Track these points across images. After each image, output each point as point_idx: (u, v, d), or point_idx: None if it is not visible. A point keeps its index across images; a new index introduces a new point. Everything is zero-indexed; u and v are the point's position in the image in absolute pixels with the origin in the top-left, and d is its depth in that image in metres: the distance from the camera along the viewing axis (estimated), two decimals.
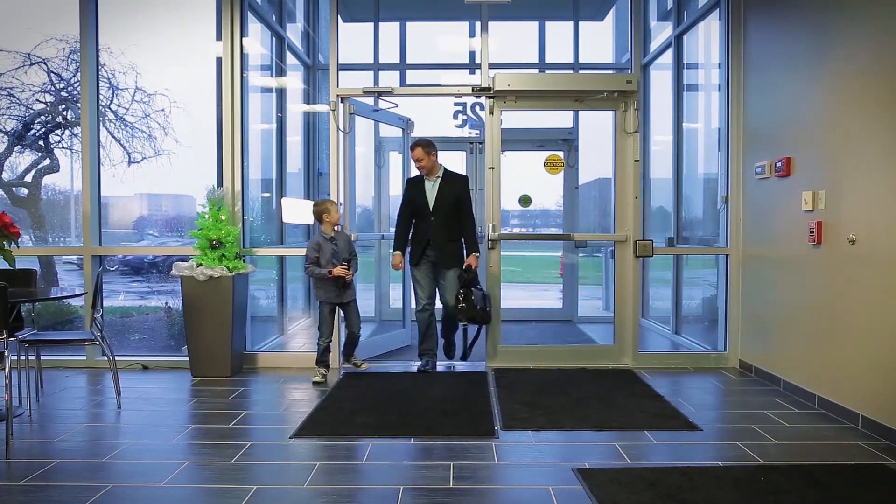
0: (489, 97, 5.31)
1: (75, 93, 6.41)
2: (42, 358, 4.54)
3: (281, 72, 6.56)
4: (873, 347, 3.57)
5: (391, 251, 5.18)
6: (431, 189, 5.02)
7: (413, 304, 5.25)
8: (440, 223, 4.98)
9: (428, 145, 4.99)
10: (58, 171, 6.65)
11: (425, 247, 5.01)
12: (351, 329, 5.02)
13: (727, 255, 5.27)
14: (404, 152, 6.24)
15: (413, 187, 5.10)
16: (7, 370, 3.51)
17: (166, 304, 6.38)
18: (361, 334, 5.60)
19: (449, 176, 5.06)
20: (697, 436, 3.59)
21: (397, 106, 5.74)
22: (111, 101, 6.53)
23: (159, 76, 6.35)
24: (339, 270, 4.78)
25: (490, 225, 5.27)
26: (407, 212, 5.12)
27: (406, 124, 6.23)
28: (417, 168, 5.03)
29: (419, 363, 5.15)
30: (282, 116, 6.64)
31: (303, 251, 7.38)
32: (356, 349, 5.16)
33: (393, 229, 5.30)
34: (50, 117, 6.68)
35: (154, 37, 6.11)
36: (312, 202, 5.16)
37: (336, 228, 4.91)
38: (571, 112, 7.17)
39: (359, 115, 5.61)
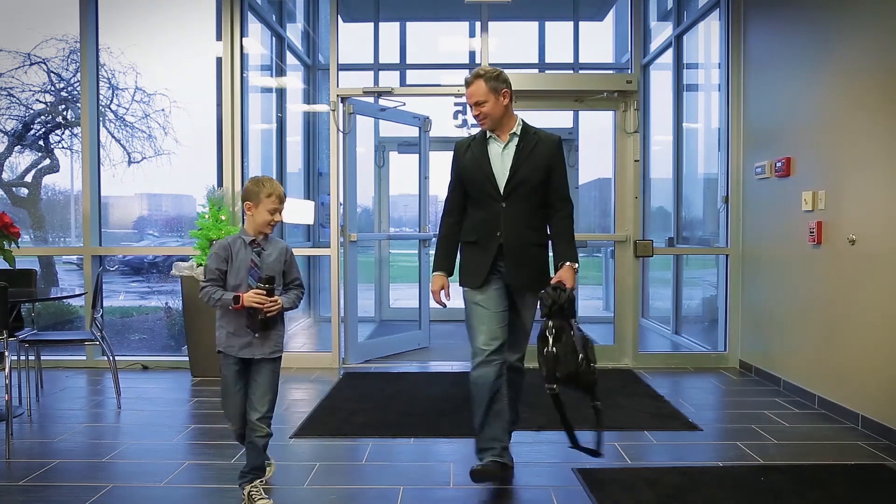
0: None
1: (75, 93, 6.41)
2: (42, 358, 4.53)
3: (281, 72, 6.56)
4: (873, 347, 3.57)
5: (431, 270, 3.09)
6: (502, 155, 2.90)
7: (471, 349, 2.90)
8: (517, 213, 2.87)
9: (496, 78, 2.85)
10: (58, 171, 6.66)
11: (496, 256, 2.88)
12: (248, 413, 2.72)
13: (727, 255, 5.26)
14: (421, 152, 6.16)
15: (469, 154, 2.96)
16: (7, 370, 3.51)
17: (166, 304, 6.38)
18: (360, 335, 5.54)
19: (532, 134, 2.93)
20: (697, 436, 3.59)
21: (405, 104, 5.71)
22: (111, 101, 6.53)
23: (159, 76, 6.36)
24: (251, 297, 2.61)
25: None
26: (458, 198, 3.00)
27: (423, 122, 6.09)
28: (476, 120, 2.95)
29: (476, 462, 2.87)
30: (282, 116, 6.64)
31: (303, 251, 7.45)
32: (259, 469, 2.76)
33: (395, 230, 3.66)
34: (50, 117, 6.68)
35: (154, 37, 6.12)
36: (312, 202, 5.08)
37: (271, 226, 2.75)
38: (571, 112, 7.17)
39: (366, 115, 5.60)
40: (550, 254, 2.98)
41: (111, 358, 4.29)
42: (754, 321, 4.99)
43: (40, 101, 6.61)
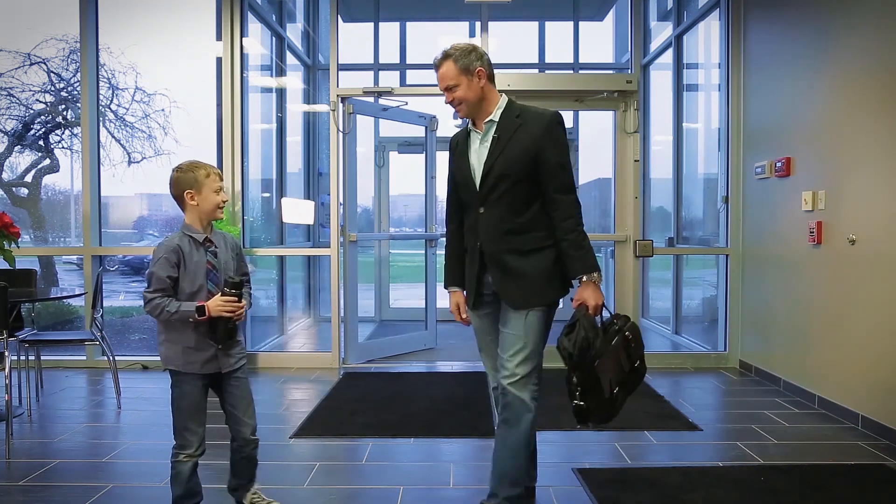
0: None
1: (75, 93, 6.41)
2: (42, 358, 4.53)
3: (281, 72, 6.56)
4: (873, 347, 3.56)
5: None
6: (479, 149, 2.47)
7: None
8: (494, 217, 2.41)
9: (467, 55, 2.39)
10: (58, 171, 6.67)
11: (479, 270, 2.48)
12: (239, 431, 2.47)
13: (727, 255, 5.26)
14: (427, 151, 6.11)
15: (457, 151, 2.55)
16: (7, 370, 3.51)
17: None
18: (360, 335, 5.53)
19: (514, 117, 2.42)
20: (697, 436, 3.59)
21: (407, 103, 5.70)
22: (111, 101, 6.54)
23: (159, 76, 6.38)
24: (219, 305, 2.29)
25: None
26: (455, 201, 2.60)
27: (429, 121, 6.00)
28: (452, 108, 2.47)
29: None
30: (282, 116, 6.64)
31: (303, 251, 7.46)
32: (254, 477, 2.59)
33: (394, 230, 2.85)
34: (50, 117, 6.69)
35: (154, 37, 6.12)
36: (312, 202, 5.07)
37: (221, 209, 2.44)
38: (571, 112, 7.17)
39: (370, 115, 5.58)
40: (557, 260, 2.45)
41: (111, 358, 4.29)
42: (754, 321, 4.99)
43: (40, 101, 6.62)
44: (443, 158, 6.26)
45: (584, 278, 2.35)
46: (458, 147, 2.54)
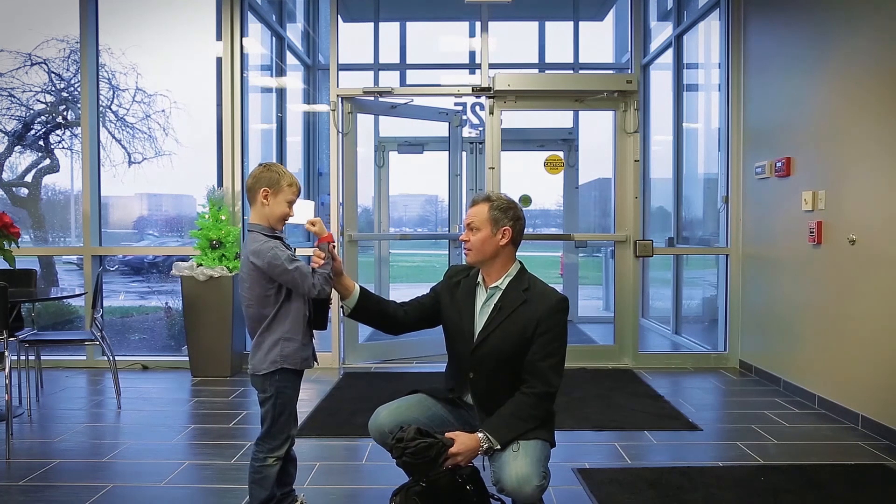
0: (489, 97, 5.31)
1: (76, 93, 6.41)
2: (42, 358, 4.53)
3: (281, 72, 6.57)
4: (873, 347, 3.57)
5: None
6: (482, 310, 2.35)
7: None
8: (484, 388, 2.32)
9: (503, 210, 2.30)
10: (58, 171, 6.66)
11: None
12: (293, 429, 2.46)
13: (727, 255, 5.27)
14: (451, 148, 6.01)
15: (459, 291, 2.42)
16: (7, 370, 3.51)
17: (166, 304, 6.38)
18: (360, 335, 5.54)
19: (520, 291, 2.30)
20: (697, 436, 3.59)
21: (413, 100, 5.67)
22: (111, 102, 6.54)
23: (160, 77, 6.36)
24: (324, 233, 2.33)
25: None
26: (417, 304, 2.50)
27: (451, 117, 5.83)
28: (463, 247, 2.37)
29: None
30: (282, 116, 6.64)
31: (303, 251, 7.42)
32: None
33: (393, 230, 2.89)
34: (50, 117, 6.69)
35: (154, 37, 6.12)
36: (311, 201, 5.06)
37: (283, 223, 2.37)
38: (571, 112, 7.18)
39: (382, 114, 5.57)
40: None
41: (111, 358, 4.29)
42: (754, 321, 4.99)
43: (41, 102, 6.62)
44: (434, 158, 6.14)
45: (483, 435, 2.13)
46: (462, 287, 2.41)
